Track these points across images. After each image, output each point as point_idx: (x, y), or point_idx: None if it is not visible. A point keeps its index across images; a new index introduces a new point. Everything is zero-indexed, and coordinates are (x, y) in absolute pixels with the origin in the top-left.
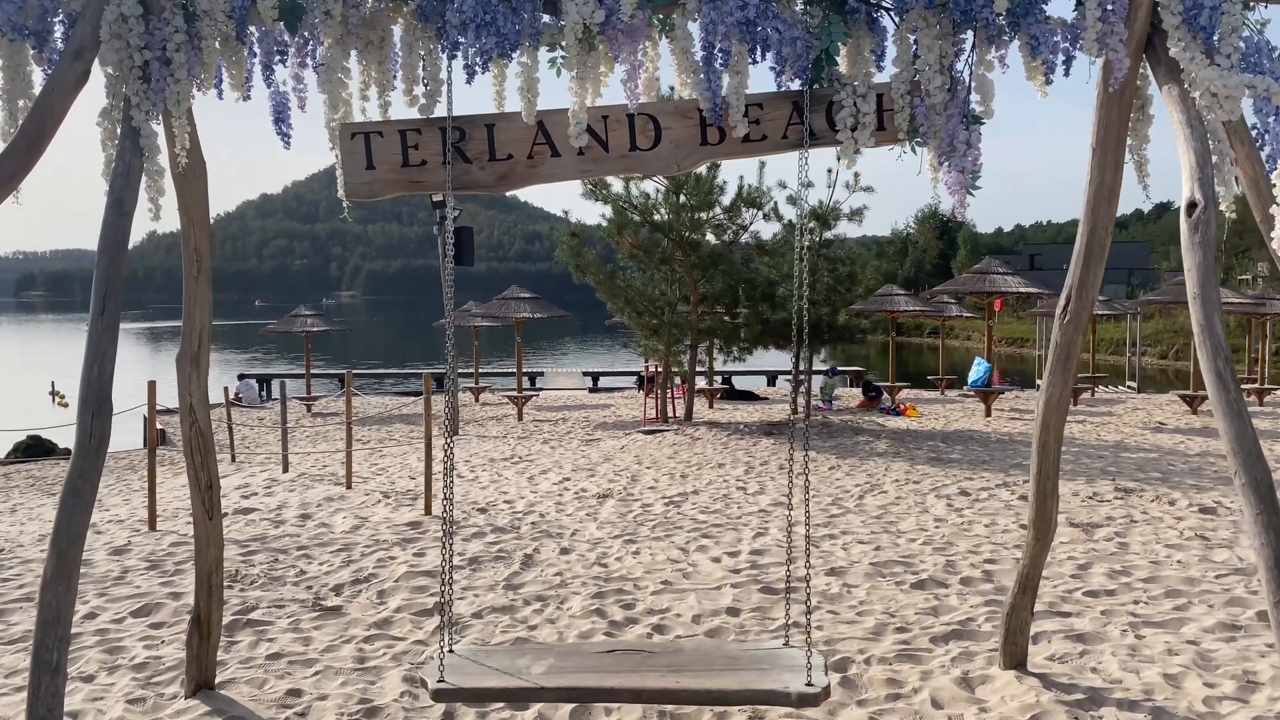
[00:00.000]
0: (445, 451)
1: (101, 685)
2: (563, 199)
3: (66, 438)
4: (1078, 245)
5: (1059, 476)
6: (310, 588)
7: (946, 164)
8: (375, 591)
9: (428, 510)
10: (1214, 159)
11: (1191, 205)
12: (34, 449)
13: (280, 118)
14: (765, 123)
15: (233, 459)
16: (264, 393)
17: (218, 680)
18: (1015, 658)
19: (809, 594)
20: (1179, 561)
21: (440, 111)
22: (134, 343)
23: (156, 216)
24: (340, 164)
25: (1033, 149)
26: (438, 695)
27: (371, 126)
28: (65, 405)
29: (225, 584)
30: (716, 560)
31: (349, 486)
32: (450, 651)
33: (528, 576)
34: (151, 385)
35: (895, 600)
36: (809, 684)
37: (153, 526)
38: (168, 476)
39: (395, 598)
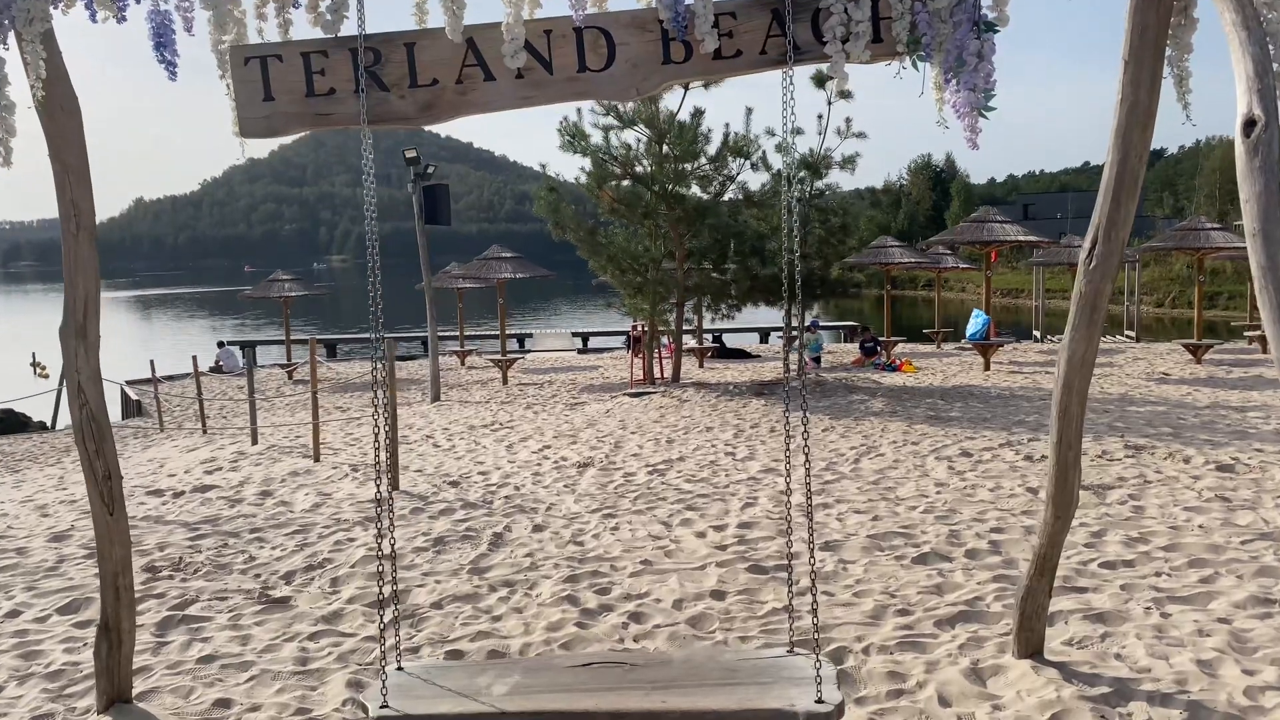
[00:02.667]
0: (376, 433)
1: (7, 699)
2: (545, 154)
3: (42, 410)
4: (1105, 177)
5: (1081, 442)
6: (258, 576)
7: (954, 81)
8: (328, 579)
9: (395, 485)
10: (1276, 67)
11: (1250, 123)
12: (6, 422)
13: (162, 43)
14: (739, 35)
15: (204, 430)
16: (247, 360)
17: (138, 690)
18: (1031, 645)
19: (815, 601)
20: (1200, 526)
21: (349, 29)
22: (123, 311)
23: (6, 162)
24: (233, 95)
25: (1025, 98)
26: None
27: (268, 49)
28: (46, 376)
29: (167, 574)
30: (701, 535)
31: (317, 459)
32: (398, 669)
33: (496, 559)
34: None
35: (895, 577)
36: (819, 700)
37: None
38: (136, 451)
39: (349, 586)
